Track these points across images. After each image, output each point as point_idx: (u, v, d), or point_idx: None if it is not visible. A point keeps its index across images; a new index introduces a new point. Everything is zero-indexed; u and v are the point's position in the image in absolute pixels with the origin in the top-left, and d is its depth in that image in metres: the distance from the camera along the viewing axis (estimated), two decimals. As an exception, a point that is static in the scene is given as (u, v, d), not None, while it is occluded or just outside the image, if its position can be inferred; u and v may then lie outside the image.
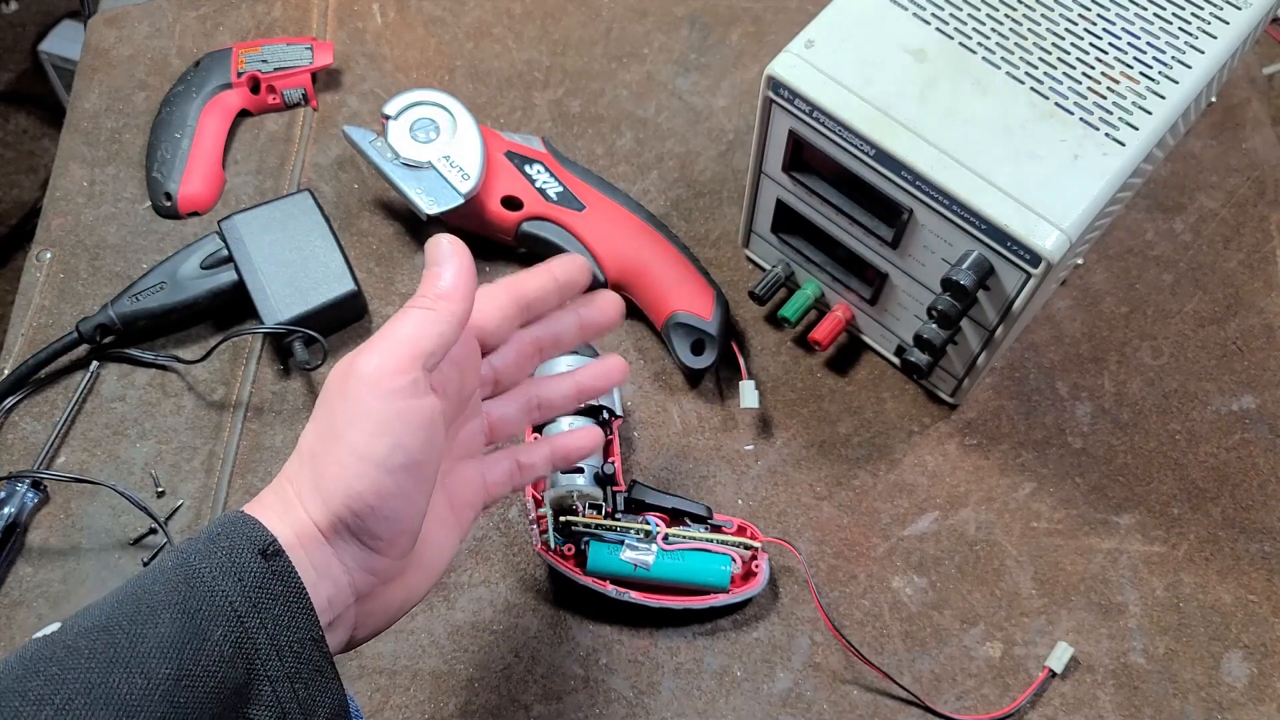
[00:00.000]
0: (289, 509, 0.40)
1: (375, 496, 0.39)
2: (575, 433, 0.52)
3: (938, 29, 0.56)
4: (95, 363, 0.67)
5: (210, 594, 0.37)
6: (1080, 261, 0.71)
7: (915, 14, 0.57)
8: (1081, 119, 0.53)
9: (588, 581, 0.59)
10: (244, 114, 0.77)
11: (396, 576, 0.43)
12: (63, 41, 1.56)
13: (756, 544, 0.60)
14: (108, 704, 0.34)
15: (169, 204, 0.73)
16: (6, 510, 0.62)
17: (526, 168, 0.70)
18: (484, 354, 0.47)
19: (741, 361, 0.66)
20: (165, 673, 0.35)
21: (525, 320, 0.48)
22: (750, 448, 0.66)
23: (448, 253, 0.42)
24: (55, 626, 0.37)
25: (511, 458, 0.49)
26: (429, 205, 0.66)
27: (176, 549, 0.39)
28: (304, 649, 0.38)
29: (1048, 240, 0.50)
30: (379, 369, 0.40)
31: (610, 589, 0.59)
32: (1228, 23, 0.56)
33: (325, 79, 0.78)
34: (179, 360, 0.67)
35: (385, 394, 0.39)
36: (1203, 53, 0.55)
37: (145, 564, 0.62)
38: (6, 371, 0.67)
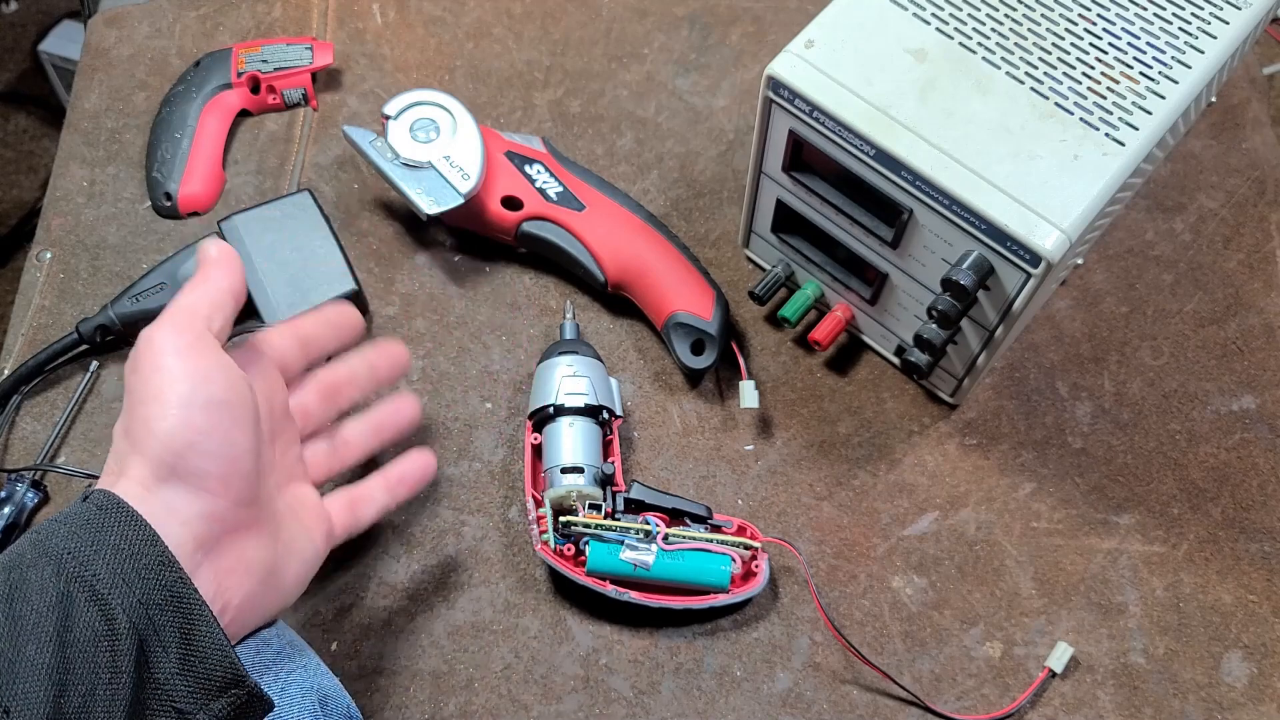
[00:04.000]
0: (115, 485, 0.41)
1: (186, 430, 0.41)
2: (403, 460, 0.56)
3: (938, 29, 0.56)
4: (95, 363, 0.67)
5: (34, 544, 0.38)
6: (1080, 261, 0.71)
7: (915, 14, 0.57)
8: (1081, 119, 0.53)
9: (588, 581, 0.59)
10: (244, 114, 0.77)
11: (243, 527, 0.44)
12: (63, 41, 1.57)
13: (756, 544, 0.60)
14: None
15: (169, 204, 0.73)
16: (6, 510, 0.62)
17: (526, 168, 0.70)
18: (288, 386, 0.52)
19: (741, 361, 0.66)
20: None
21: (308, 357, 0.53)
22: (750, 448, 0.66)
23: (210, 244, 0.48)
24: None
25: (346, 494, 0.54)
26: (429, 205, 0.66)
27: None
28: (153, 573, 0.39)
29: (1048, 240, 0.50)
30: (164, 332, 0.43)
31: (610, 589, 0.59)
32: (1228, 23, 0.56)
33: (325, 79, 0.78)
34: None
35: (174, 350, 0.42)
36: (1203, 53, 0.55)
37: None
38: (6, 371, 0.67)
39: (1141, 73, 0.54)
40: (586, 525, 0.59)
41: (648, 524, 0.59)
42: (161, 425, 0.41)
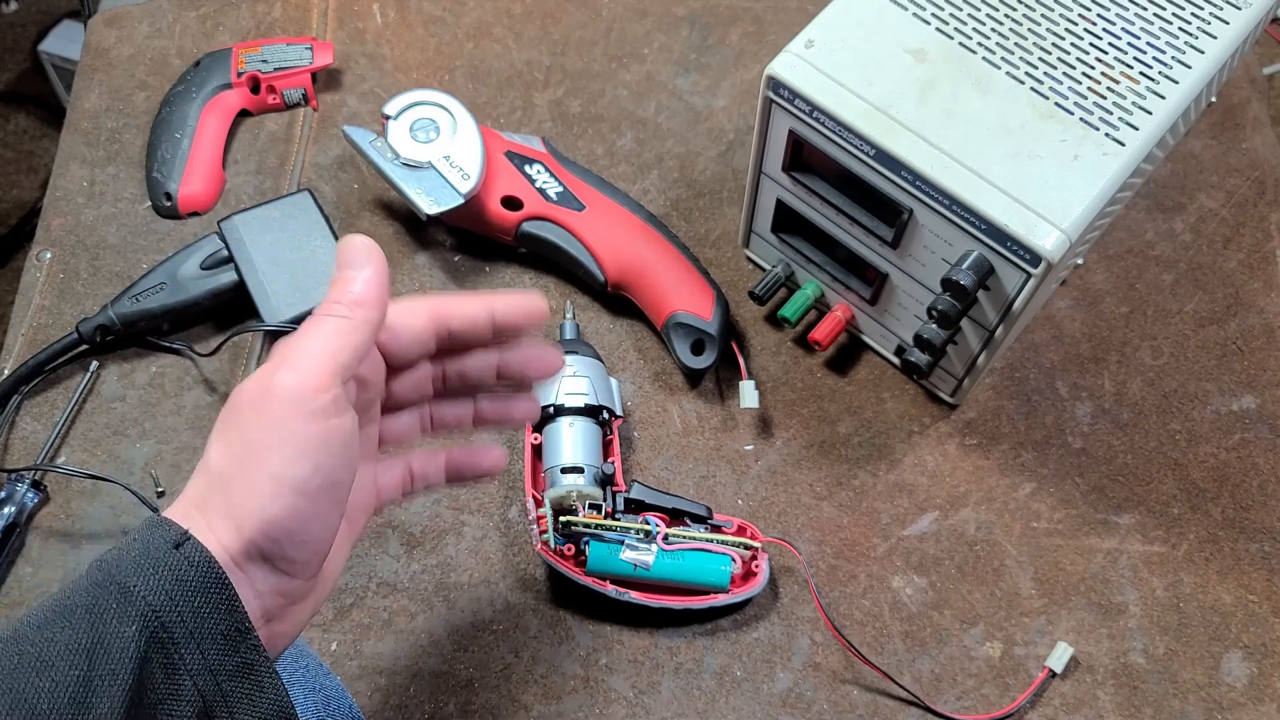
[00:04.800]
0: (203, 537, 0.38)
1: (292, 520, 0.38)
2: (476, 450, 0.48)
3: (938, 29, 0.56)
4: (95, 363, 0.67)
5: (123, 591, 0.36)
6: (1080, 261, 0.71)
7: (915, 14, 0.57)
8: (1081, 119, 0.53)
9: (588, 581, 0.59)
10: (244, 114, 0.77)
11: (304, 596, 0.42)
12: (63, 41, 1.57)
13: (756, 544, 0.60)
14: (11, 708, 0.33)
15: (169, 204, 0.73)
16: (6, 510, 0.62)
17: (526, 168, 0.70)
18: (389, 371, 0.44)
19: (741, 361, 0.66)
20: (73, 675, 0.34)
21: (443, 347, 0.44)
22: (750, 448, 0.66)
23: (363, 256, 0.40)
24: None
25: (405, 464, 0.47)
26: (429, 205, 0.66)
27: (98, 558, 0.38)
28: (228, 642, 0.37)
29: (1048, 240, 0.50)
30: (299, 388, 0.38)
31: (610, 589, 0.59)
32: (1228, 23, 0.56)
33: (325, 79, 0.78)
34: (192, 349, 0.67)
35: (307, 415, 0.37)
36: (1203, 53, 0.55)
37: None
38: (6, 372, 0.67)
39: (1141, 73, 0.54)
40: (586, 525, 0.59)
41: (648, 524, 0.59)
42: (271, 510, 0.37)
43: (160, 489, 0.64)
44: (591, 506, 0.59)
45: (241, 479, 0.38)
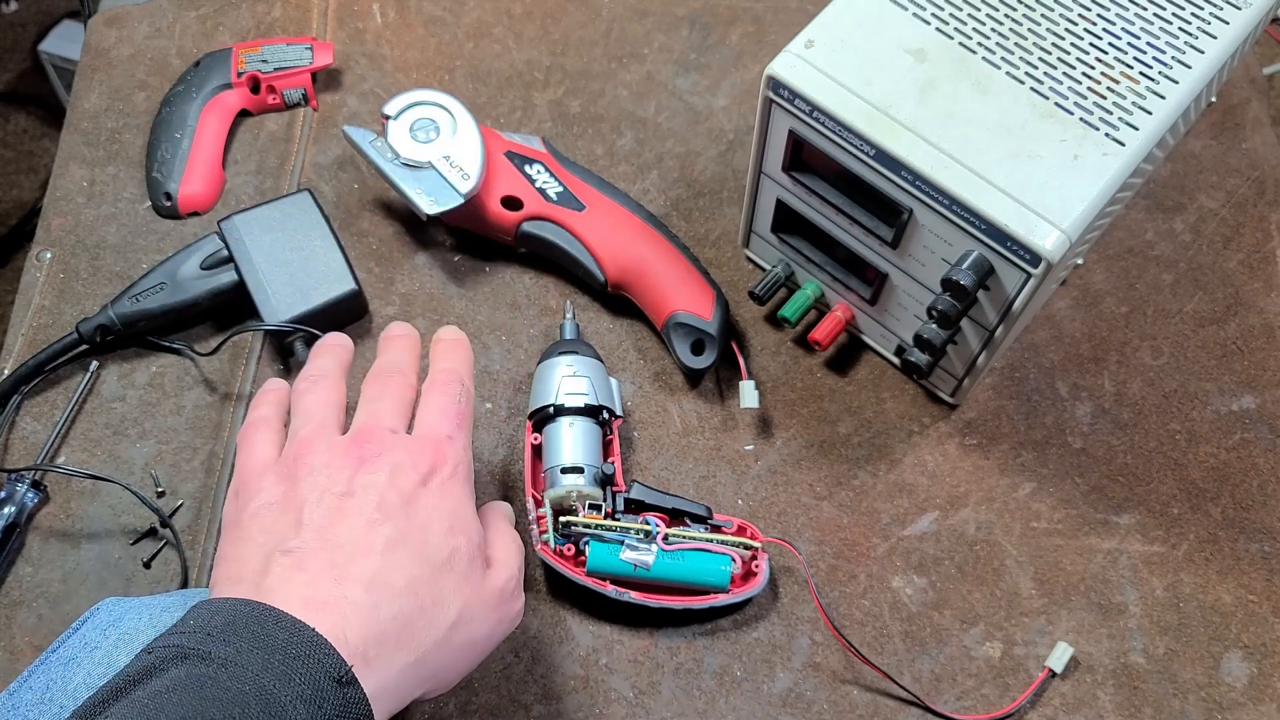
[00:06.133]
0: (363, 669, 0.40)
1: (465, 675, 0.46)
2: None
3: (938, 29, 0.56)
4: (95, 363, 0.67)
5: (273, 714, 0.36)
6: (1080, 261, 0.71)
7: (915, 14, 0.57)
8: (1081, 119, 0.53)
9: (588, 581, 0.59)
10: (244, 114, 0.77)
11: None
12: (63, 41, 1.57)
13: (756, 544, 0.60)
14: None
15: (169, 204, 0.73)
16: (6, 510, 0.62)
17: (526, 168, 0.70)
18: None
19: (741, 361, 0.66)
20: None
21: None
22: (750, 448, 0.66)
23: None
24: None
25: None
26: (429, 205, 0.66)
27: (243, 667, 0.37)
28: None
29: (1047, 240, 0.50)
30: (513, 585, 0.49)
31: (610, 589, 0.59)
32: (1228, 23, 0.56)
33: (325, 79, 0.78)
34: (192, 349, 0.67)
35: (516, 614, 0.49)
36: (1203, 53, 0.55)
37: (146, 564, 0.62)
38: (6, 372, 0.67)
39: (1141, 73, 0.54)
40: (586, 525, 0.59)
41: (648, 524, 0.59)
42: (459, 670, 0.46)
43: (160, 489, 0.64)
44: (591, 506, 0.59)
45: (434, 675, 0.44)
